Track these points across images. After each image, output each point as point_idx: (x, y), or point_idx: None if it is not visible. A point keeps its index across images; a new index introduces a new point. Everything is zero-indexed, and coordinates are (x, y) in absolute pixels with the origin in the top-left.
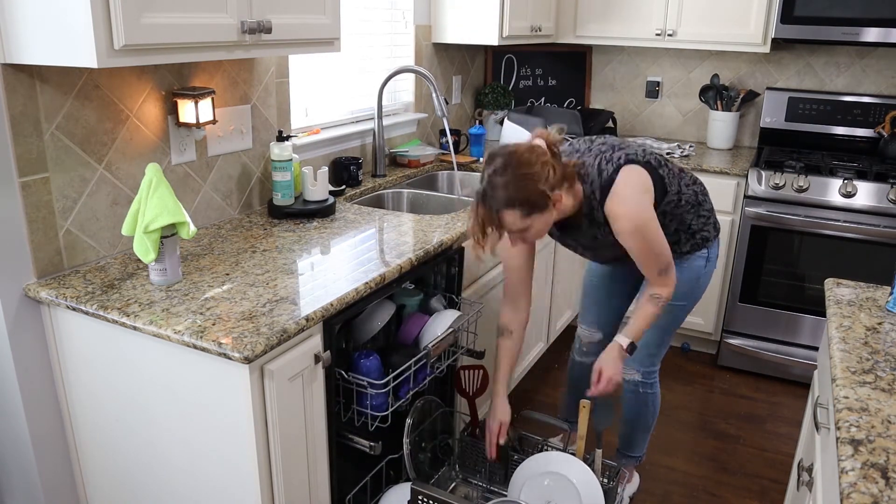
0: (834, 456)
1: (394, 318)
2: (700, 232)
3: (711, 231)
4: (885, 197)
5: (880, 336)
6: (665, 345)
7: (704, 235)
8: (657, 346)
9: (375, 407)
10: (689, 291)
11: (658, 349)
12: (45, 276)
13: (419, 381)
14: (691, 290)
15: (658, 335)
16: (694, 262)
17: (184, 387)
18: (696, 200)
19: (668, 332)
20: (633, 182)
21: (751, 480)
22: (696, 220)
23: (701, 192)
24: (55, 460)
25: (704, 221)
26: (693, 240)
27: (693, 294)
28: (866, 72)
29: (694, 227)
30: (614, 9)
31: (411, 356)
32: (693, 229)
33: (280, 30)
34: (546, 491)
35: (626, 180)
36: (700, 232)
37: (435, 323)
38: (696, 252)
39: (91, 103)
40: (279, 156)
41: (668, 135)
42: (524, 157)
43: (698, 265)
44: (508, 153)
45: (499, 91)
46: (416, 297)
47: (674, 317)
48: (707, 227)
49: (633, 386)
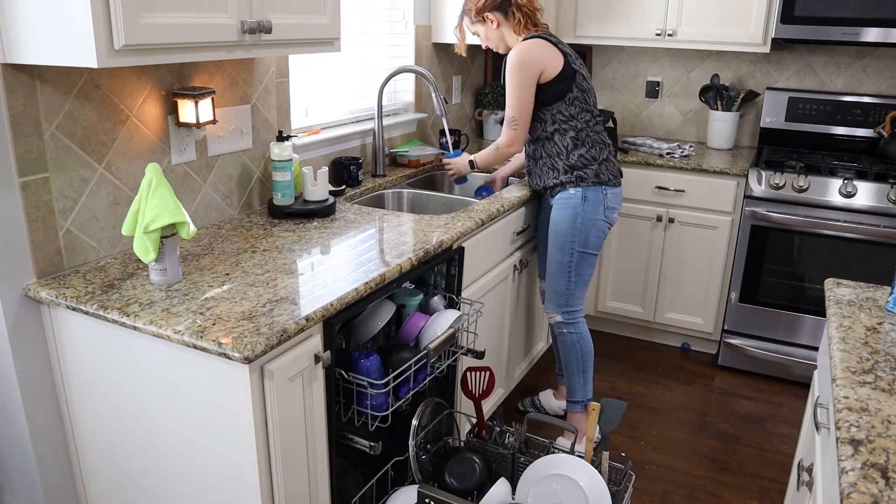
0: (834, 456)
1: (394, 318)
2: (578, 169)
3: (590, 175)
4: (885, 197)
5: (880, 336)
6: (574, 286)
7: (580, 175)
8: (565, 286)
9: (375, 407)
10: (571, 226)
11: (567, 290)
12: (45, 276)
13: (419, 381)
14: (573, 224)
15: (559, 275)
16: (570, 199)
17: (184, 387)
18: (584, 139)
19: (569, 273)
20: (536, 44)
21: (751, 480)
22: (575, 153)
23: (598, 142)
24: (55, 460)
25: (585, 163)
26: (570, 173)
27: (575, 229)
28: (866, 72)
29: (573, 159)
30: (614, 9)
31: (411, 356)
32: (571, 161)
33: (280, 30)
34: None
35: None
36: (578, 169)
37: (435, 323)
38: (571, 188)
39: (91, 103)
40: (279, 156)
41: (668, 135)
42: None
43: (574, 202)
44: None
45: (499, 91)
46: (416, 297)
47: (567, 255)
48: (587, 169)
49: (559, 329)
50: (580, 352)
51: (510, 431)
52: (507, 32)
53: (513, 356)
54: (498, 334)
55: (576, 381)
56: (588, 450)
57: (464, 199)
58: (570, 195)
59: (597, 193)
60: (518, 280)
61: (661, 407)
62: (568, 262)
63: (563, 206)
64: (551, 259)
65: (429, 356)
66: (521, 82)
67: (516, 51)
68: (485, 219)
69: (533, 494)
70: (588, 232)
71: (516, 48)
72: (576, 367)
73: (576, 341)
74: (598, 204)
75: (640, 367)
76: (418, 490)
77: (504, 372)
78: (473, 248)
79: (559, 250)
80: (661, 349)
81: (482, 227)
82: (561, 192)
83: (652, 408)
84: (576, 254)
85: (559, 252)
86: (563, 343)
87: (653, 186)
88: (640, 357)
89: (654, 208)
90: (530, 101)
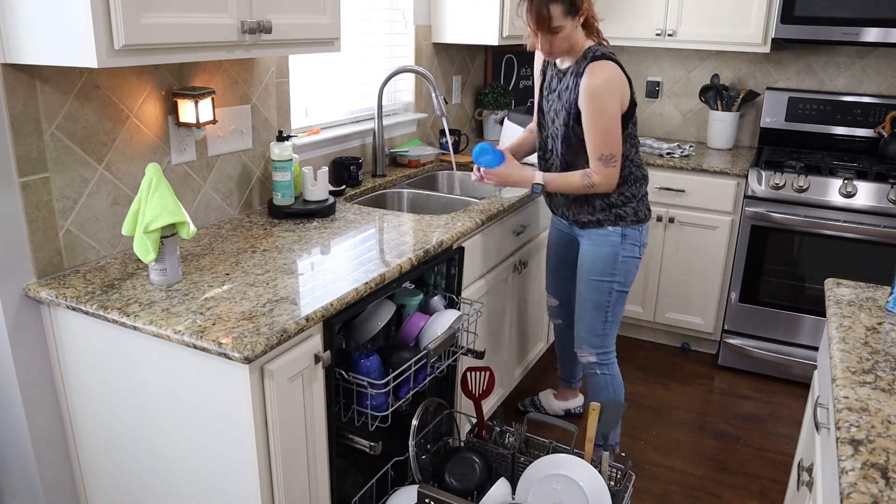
0: (834, 456)
1: (394, 318)
2: (617, 207)
3: (630, 213)
4: (885, 197)
5: (880, 336)
6: (609, 326)
7: (620, 213)
8: (601, 326)
9: (375, 407)
10: (612, 265)
11: (603, 330)
12: (45, 275)
13: (419, 381)
14: (613, 265)
15: (596, 315)
16: (609, 236)
17: (184, 387)
18: (627, 177)
19: (606, 313)
20: (619, 75)
21: (751, 480)
22: (616, 193)
23: (639, 177)
24: (55, 460)
25: (625, 201)
26: (608, 211)
27: (616, 269)
28: (866, 72)
29: (612, 198)
30: (614, 9)
31: (411, 356)
32: (611, 200)
33: (280, 30)
34: (554, 494)
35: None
36: (617, 207)
37: (435, 323)
38: (609, 226)
39: (91, 103)
40: (279, 156)
41: (668, 135)
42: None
43: (614, 240)
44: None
45: (499, 91)
46: (416, 297)
47: (605, 294)
48: (627, 207)
49: (591, 369)
50: (612, 394)
51: (510, 431)
52: (580, 35)
53: (512, 356)
54: (497, 334)
55: None
56: (588, 450)
57: (464, 199)
58: (608, 233)
59: (634, 232)
60: (518, 280)
61: (661, 407)
62: (606, 301)
63: (601, 244)
64: (585, 298)
65: (429, 356)
66: (614, 114)
67: (603, 76)
68: (485, 219)
69: (533, 494)
70: (628, 271)
71: (602, 73)
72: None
73: (608, 383)
74: (635, 242)
75: (640, 367)
76: (418, 490)
77: (504, 372)
78: (473, 248)
79: (596, 290)
80: (661, 349)
81: (482, 227)
82: (595, 228)
83: (652, 408)
84: (615, 293)
85: (595, 292)
86: (595, 384)
87: (653, 186)
88: (640, 357)
89: (654, 208)
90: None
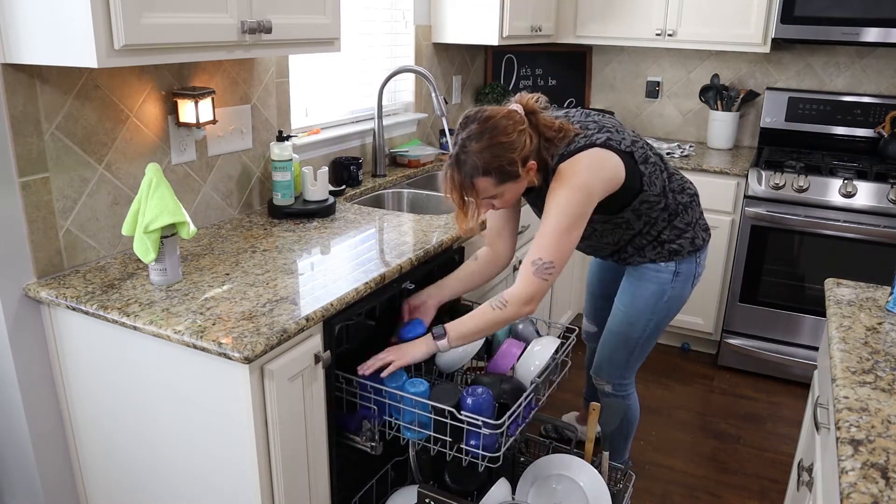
0: (834, 456)
1: None
2: (670, 243)
3: (685, 245)
4: (885, 197)
5: (880, 336)
6: (635, 360)
7: (674, 248)
8: (625, 360)
9: (486, 447)
10: (654, 305)
11: (626, 364)
12: (45, 276)
13: (526, 417)
14: (655, 304)
15: (621, 350)
16: (659, 273)
17: (184, 387)
18: (675, 210)
19: (635, 348)
20: (595, 159)
21: (751, 480)
22: (668, 229)
23: (686, 203)
24: (55, 460)
25: (679, 233)
26: (660, 248)
27: (657, 308)
28: (866, 72)
29: (664, 236)
30: (614, 9)
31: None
32: (662, 238)
33: (280, 30)
34: (554, 494)
35: (591, 155)
36: (670, 243)
37: (533, 352)
38: (662, 262)
39: (91, 103)
40: (279, 156)
41: (668, 135)
42: (500, 125)
43: (664, 278)
44: (484, 118)
45: (499, 91)
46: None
47: (638, 331)
48: (681, 239)
49: (606, 396)
50: (626, 420)
51: None
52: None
53: None
54: None
55: (620, 445)
56: (588, 450)
57: None
58: (659, 269)
59: (690, 266)
60: None
61: (661, 407)
62: (637, 338)
63: (648, 280)
64: (615, 330)
65: (538, 391)
66: (580, 213)
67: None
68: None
69: (533, 494)
70: (671, 308)
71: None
72: (621, 433)
73: (621, 405)
74: (689, 277)
75: (640, 366)
76: (418, 490)
77: None
78: (474, 249)
79: (629, 324)
80: (661, 349)
81: (482, 227)
82: (646, 264)
83: (652, 408)
84: (649, 330)
85: (628, 326)
86: (607, 405)
87: None
88: None
89: None
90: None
